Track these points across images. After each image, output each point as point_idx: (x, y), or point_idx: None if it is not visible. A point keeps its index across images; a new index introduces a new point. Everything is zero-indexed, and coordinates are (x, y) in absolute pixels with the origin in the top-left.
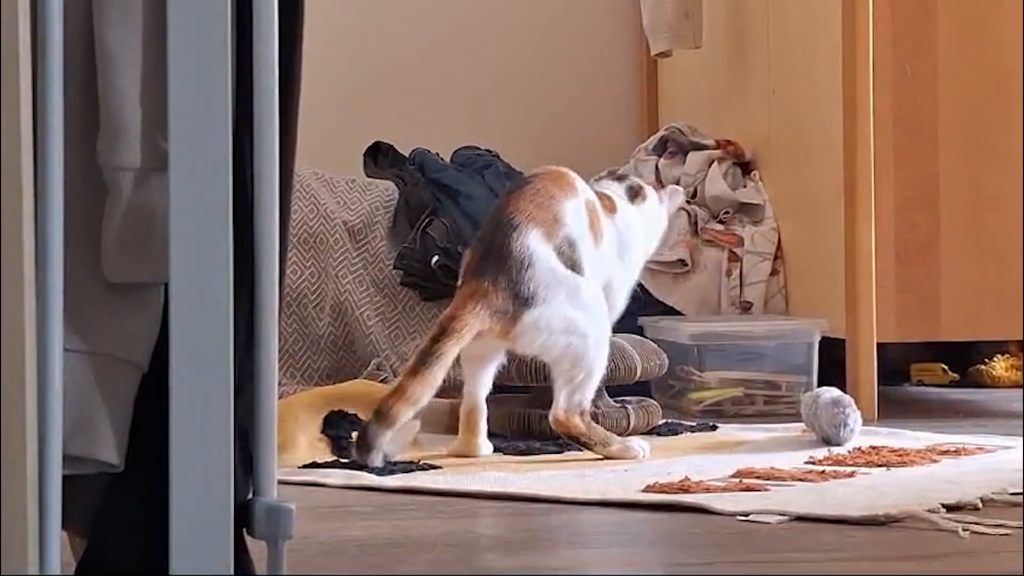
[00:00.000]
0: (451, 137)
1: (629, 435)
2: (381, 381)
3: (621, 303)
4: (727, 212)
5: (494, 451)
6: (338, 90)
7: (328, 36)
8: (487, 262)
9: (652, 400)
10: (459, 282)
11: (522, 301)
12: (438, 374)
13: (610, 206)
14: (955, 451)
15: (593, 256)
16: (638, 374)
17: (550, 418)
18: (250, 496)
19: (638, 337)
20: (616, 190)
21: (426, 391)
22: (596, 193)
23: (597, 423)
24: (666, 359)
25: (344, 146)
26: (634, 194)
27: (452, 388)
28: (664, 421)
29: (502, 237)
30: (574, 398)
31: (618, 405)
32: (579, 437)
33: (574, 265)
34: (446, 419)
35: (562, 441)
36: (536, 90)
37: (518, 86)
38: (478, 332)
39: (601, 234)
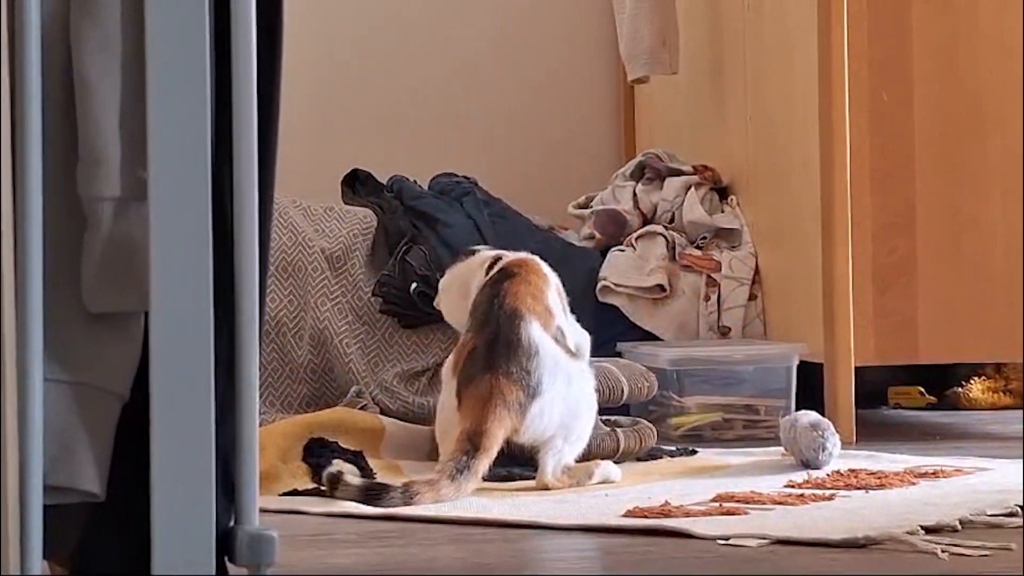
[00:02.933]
0: (429, 164)
1: (619, 459)
2: (360, 408)
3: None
4: (704, 237)
5: None
6: (316, 117)
7: (305, 63)
8: (496, 351)
9: (646, 422)
10: (457, 363)
11: (530, 393)
12: (471, 485)
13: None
14: (933, 473)
15: (571, 331)
16: (624, 396)
17: (535, 483)
18: (232, 524)
19: (626, 361)
20: None
21: (453, 496)
22: None
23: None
24: (655, 382)
25: (322, 173)
26: None
27: (431, 416)
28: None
29: (509, 326)
30: (559, 464)
31: (608, 430)
32: (564, 489)
33: (567, 350)
34: (427, 446)
35: None
36: (513, 117)
37: (495, 113)
38: (504, 439)
39: (567, 308)
